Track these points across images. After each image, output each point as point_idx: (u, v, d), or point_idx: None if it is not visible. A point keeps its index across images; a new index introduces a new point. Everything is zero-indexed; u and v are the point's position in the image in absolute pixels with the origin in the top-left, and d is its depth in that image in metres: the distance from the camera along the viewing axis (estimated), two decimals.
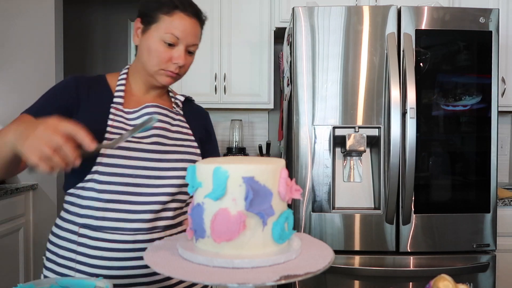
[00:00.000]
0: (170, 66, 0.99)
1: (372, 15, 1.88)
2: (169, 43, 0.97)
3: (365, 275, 1.86)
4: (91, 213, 0.94)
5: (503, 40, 2.44)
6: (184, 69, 1.02)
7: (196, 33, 1.02)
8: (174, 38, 0.97)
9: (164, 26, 0.97)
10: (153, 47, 0.98)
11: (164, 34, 0.97)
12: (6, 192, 2.37)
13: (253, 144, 2.98)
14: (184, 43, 0.98)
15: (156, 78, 1.01)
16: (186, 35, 0.98)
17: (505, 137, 2.88)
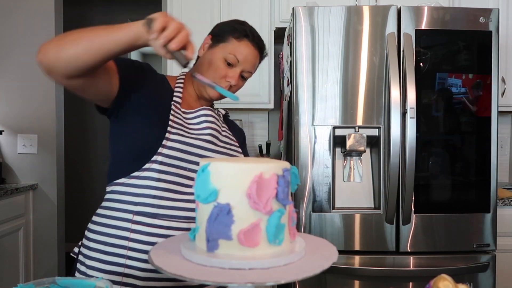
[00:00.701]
0: (223, 83, 1.08)
1: (372, 15, 1.88)
2: (229, 63, 1.08)
3: (365, 275, 1.86)
4: (147, 201, 0.98)
5: (503, 40, 2.44)
6: (233, 89, 1.12)
7: (254, 62, 1.13)
8: (235, 60, 1.08)
9: (230, 47, 1.09)
10: (214, 62, 1.09)
11: (228, 54, 1.08)
12: (6, 192, 2.37)
13: (253, 144, 2.98)
14: (242, 67, 1.10)
15: (206, 90, 1.10)
16: (246, 61, 1.10)
17: (505, 137, 2.88)
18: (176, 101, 1.08)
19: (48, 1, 2.75)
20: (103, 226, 1.02)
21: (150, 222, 0.98)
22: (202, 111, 1.10)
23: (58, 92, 2.79)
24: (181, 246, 0.66)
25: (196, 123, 1.09)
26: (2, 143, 2.74)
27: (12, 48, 2.74)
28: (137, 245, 0.97)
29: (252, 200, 0.60)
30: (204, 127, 1.08)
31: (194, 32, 2.82)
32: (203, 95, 1.13)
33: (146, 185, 0.99)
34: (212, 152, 1.06)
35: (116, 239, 0.99)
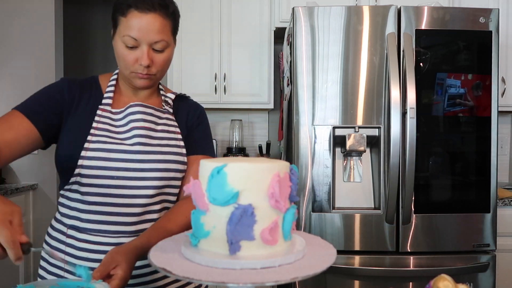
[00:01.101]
0: (138, 68, 0.95)
1: (372, 15, 1.88)
2: (130, 46, 0.93)
3: (365, 275, 1.86)
4: (77, 215, 0.96)
5: (503, 40, 2.44)
6: (155, 67, 0.97)
7: (157, 28, 0.93)
8: (132, 40, 0.92)
9: (122, 28, 0.94)
10: (118, 51, 0.96)
11: (123, 37, 0.94)
12: (6, 192, 2.37)
13: (253, 144, 2.98)
14: (146, 42, 0.93)
15: (131, 81, 0.99)
16: (144, 33, 0.92)
17: (505, 137, 2.88)
18: (105, 103, 1.00)
19: (48, 1, 2.75)
20: (49, 237, 1.02)
21: (79, 237, 0.95)
22: (129, 108, 0.99)
23: None
24: (187, 253, 0.63)
25: (123, 124, 0.99)
26: None
27: (12, 49, 2.74)
28: (70, 259, 0.95)
29: (274, 199, 0.60)
30: (131, 128, 0.97)
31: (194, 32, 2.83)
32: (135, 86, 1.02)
33: (75, 198, 0.96)
34: (141, 153, 0.96)
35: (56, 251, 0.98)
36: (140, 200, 0.95)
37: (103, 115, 0.98)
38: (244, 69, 2.64)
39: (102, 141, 0.95)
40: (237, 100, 2.65)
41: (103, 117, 0.98)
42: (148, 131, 0.99)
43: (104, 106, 0.99)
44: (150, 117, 1.01)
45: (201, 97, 2.63)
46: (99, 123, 0.97)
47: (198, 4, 2.61)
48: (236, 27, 2.62)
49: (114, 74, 1.06)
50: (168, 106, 1.07)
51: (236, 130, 2.85)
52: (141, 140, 0.97)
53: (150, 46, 0.94)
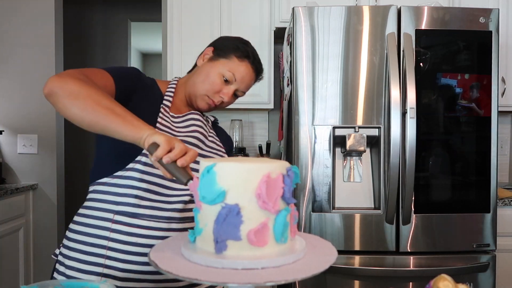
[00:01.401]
0: (216, 97, 1.11)
1: (372, 15, 1.88)
2: (226, 80, 1.10)
3: (365, 275, 1.86)
4: (128, 201, 0.98)
5: (503, 40, 2.44)
6: (223, 105, 1.15)
7: (249, 84, 1.17)
8: (233, 78, 1.10)
9: (230, 65, 1.11)
10: (212, 75, 1.10)
11: (227, 71, 1.10)
12: (6, 192, 2.37)
13: (253, 144, 2.98)
14: (237, 86, 1.12)
15: (197, 100, 1.12)
16: (243, 81, 1.13)
17: (505, 137, 2.88)
18: (166, 104, 1.09)
19: (48, 1, 2.75)
20: (83, 225, 1.02)
21: (130, 222, 0.98)
22: (190, 115, 1.12)
23: None
24: (182, 249, 0.65)
25: (184, 126, 1.09)
26: (2, 143, 2.74)
27: (12, 48, 2.74)
28: (117, 245, 0.97)
29: (262, 200, 0.60)
30: (192, 130, 1.09)
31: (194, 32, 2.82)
32: (192, 104, 1.15)
33: (128, 184, 0.99)
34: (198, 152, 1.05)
35: (95, 239, 0.99)
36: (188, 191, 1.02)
37: (164, 114, 1.07)
38: None
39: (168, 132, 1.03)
40: (237, 100, 2.64)
41: (165, 115, 1.07)
42: (203, 137, 1.11)
43: (165, 106, 1.09)
44: (205, 127, 1.14)
45: None
46: (163, 119, 1.06)
47: (198, 4, 2.60)
48: (236, 27, 2.62)
49: (173, 83, 1.16)
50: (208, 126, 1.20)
51: (236, 130, 2.85)
52: (197, 142, 1.08)
53: (235, 91, 1.13)
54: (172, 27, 2.62)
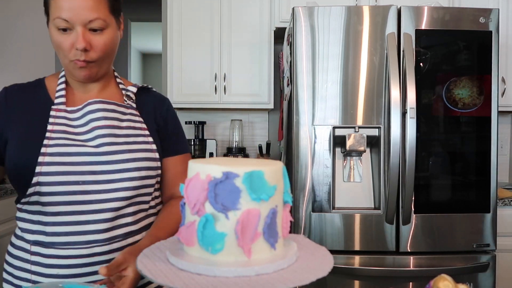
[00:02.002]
0: (75, 54, 0.86)
1: (372, 15, 1.88)
2: (62, 29, 0.84)
3: (365, 275, 1.86)
4: (41, 229, 0.87)
5: (503, 40, 2.44)
6: (95, 52, 0.87)
7: (90, 6, 0.84)
8: (63, 21, 0.83)
9: (52, 12, 0.84)
10: (53, 39, 0.87)
11: (54, 20, 0.84)
12: (6, 192, 2.38)
13: (253, 144, 2.98)
14: (79, 22, 0.83)
15: (72, 73, 0.90)
16: (76, 13, 0.83)
17: (505, 137, 2.88)
18: (58, 102, 0.91)
19: None
20: (9, 256, 0.92)
21: (46, 253, 0.86)
22: (87, 106, 0.91)
23: None
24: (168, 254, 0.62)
25: (82, 124, 0.90)
26: None
27: (13, 48, 2.74)
28: (39, 278, 0.86)
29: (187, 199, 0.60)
30: (92, 128, 0.89)
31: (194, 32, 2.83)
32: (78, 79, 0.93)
33: (36, 211, 0.87)
34: (107, 154, 0.88)
35: (19, 271, 0.89)
36: (111, 204, 0.88)
37: (58, 115, 0.89)
38: (244, 69, 2.64)
39: (61, 144, 0.86)
40: (237, 100, 2.65)
41: (58, 117, 0.89)
42: (112, 129, 0.91)
43: (57, 105, 0.90)
44: (113, 113, 0.93)
45: (201, 97, 2.64)
46: (55, 125, 0.88)
47: (198, 4, 2.61)
48: (236, 27, 2.63)
49: (62, 71, 0.96)
50: (130, 101, 0.99)
51: (236, 130, 2.85)
52: (105, 140, 0.89)
53: (85, 27, 0.85)
54: (172, 27, 2.63)
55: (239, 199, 0.56)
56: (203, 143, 2.76)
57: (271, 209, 0.58)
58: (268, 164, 0.60)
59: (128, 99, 0.98)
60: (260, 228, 0.58)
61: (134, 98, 1.00)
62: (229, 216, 0.56)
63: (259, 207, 0.57)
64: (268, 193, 0.57)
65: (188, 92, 2.64)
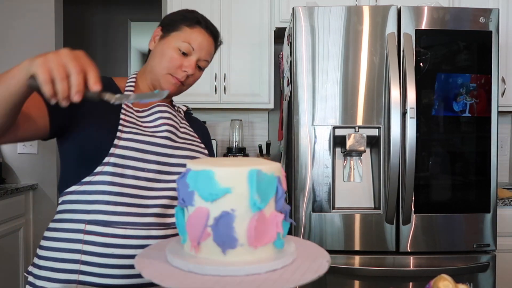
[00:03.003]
0: (179, 73, 1.02)
1: (372, 15, 1.88)
2: (184, 52, 1.01)
3: (365, 275, 1.86)
4: (100, 208, 0.90)
5: (503, 40, 2.44)
6: (190, 80, 1.05)
7: (210, 50, 1.06)
8: (190, 48, 1.01)
9: (183, 35, 1.02)
10: (167, 52, 1.01)
11: (182, 42, 1.01)
12: (6, 192, 2.37)
13: (253, 144, 2.98)
14: (197, 55, 1.03)
15: (161, 82, 1.03)
16: (201, 49, 1.03)
17: (505, 137, 2.88)
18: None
19: (48, 1, 2.75)
20: (54, 240, 0.93)
21: (104, 231, 0.89)
22: (157, 107, 1.04)
23: None
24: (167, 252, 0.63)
25: (151, 120, 1.02)
26: None
27: (13, 48, 2.74)
28: (91, 258, 0.88)
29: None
30: (160, 123, 1.01)
31: None
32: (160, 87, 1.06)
33: (99, 190, 0.91)
34: (170, 148, 0.99)
35: (67, 253, 0.90)
36: (167, 192, 0.96)
37: (128, 109, 1.00)
38: (244, 69, 2.64)
39: (134, 132, 0.95)
40: (237, 100, 2.65)
41: (128, 111, 0.99)
42: (175, 129, 1.03)
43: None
44: (175, 118, 1.06)
45: (201, 97, 2.63)
46: (126, 115, 0.98)
47: (198, 4, 2.60)
48: (236, 27, 2.62)
49: (132, 77, 1.09)
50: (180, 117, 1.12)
51: (236, 130, 2.85)
52: (170, 135, 1.00)
53: (197, 61, 1.04)
54: None
55: (194, 196, 0.58)
56: None
57: (223, 212, 0.56)
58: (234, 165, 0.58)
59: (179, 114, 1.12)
60: (209, 228, 0.57)
61: (183, 115, 1.15)
62: (188, 211, 0.60)
63: (209, 207, 0.57)
64: (213, 194, 0.56)
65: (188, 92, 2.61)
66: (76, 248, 0.90)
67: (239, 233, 0.57)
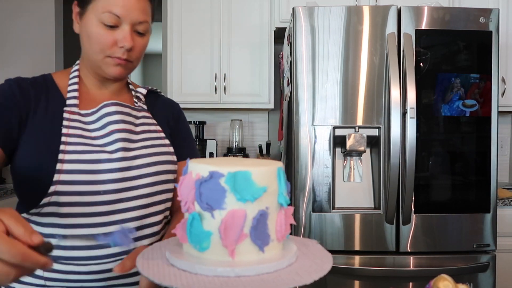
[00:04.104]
0: (117, 52, 0.83)
1: (372, 15, 1.88)
2: (110, 25, 0.81)
3: (365, 275, 1.86)
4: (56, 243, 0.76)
5: (503, 40, 2.44)
6: (135, 53, 0.86)
7: (142, 7, 0.84)
8: (114, 17, 0.81)
9: (101, 4, 0.81)
10: (92, 31, 0.82)
11: (102, 14, 0.81)
12: (6, 192, 2.37)
13: (253, 144, 2.98)
14: (128, 21, 0.82)
15: (103, 69, 0.85)
16: (129, 11, 0.82)
17: (505, 137, 2.88)
18: (71, 104, 0.85)
19: (48, 2, 2.75)
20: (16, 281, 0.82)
21: (63, 269, 0.79)
22: (104, 109, 0.86)
23: None
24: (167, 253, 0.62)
25: (99, 127, 0.85)
26: None
27: (13, 48, 2.74)
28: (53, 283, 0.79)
29: (179, 197, 0.61)
30: (109, 131, 0.84)
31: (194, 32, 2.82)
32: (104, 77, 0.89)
33: (50, 223, 0.79)
34: (127, 160, 0.83)
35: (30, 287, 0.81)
36: (134, 213, 0.82)
37: (71, 118, 0.83)
38: (244, 69, 2.64)
39: (79, 151, 0.80)
40: (237, 100, 2.65)
41: (72, 120, 0.83)
42: (129, 134, 0.86)
43: (70, 107, 0.84)
44: (128, 117, 0.88)
45: (201, 97, 2.64)
46: (70, 128, 0.82)
47: (198, 4, 2.61)
48: (236, 27, 2.62)
49: (74, 71, 0.91)
50: (141, 103, 0.95)
51: (236, 130, 2.85)
52: (124, 144, 0.84)
53: (132, 27, 0.83)
54: (172, 27, 2.63)
55: (224, 199, 0.56)
56: (203, 143, 2.76)
57: (260, 211, 0.57)
58: (261, 165, 0.59)
59: (138, 101, 0.95)
60: (246, 230, 0.56)
61: (143, 100, 0.97)
62: (215, 215, 0.56)
63: (245, 208, 0.56)
64: (254, 194, 0.56)
65: (188, 92, 2.64)
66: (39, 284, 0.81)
67: (271, 229, 0.59)
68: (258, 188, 0.56)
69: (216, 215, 0.56)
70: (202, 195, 0.57)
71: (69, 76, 0.90)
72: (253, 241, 0.57)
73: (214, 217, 0.56)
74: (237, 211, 0.56)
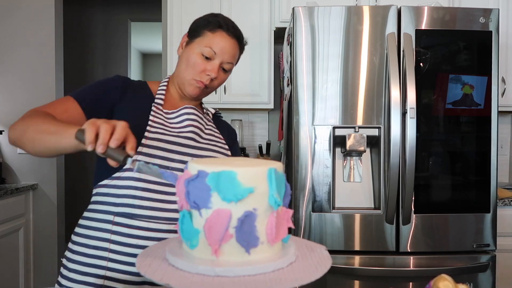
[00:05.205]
0: (203, 77, 1.07)
1: (372, 15, 1.88)
2: (206, 57, 1.06)
3: (365, 275, 1.86)
4: (127, 202, 0.98)
5: (503, 40, 2.44)
6: (215, 83, 1.10)
7: (233, 53, 1.10)
8: (212, 52, 1.06)
9: (205, 41, 1.08)
10: (192, 58, 1.08)
11: (204, 47, 1.07)
12: (6, 192, 2.37)
13: (253, 144, 2.98)
14: (220, 59, 1.07)
15: (186, 88, 1.10)
16: (224, 52, 1.07)
17: (505, 137, 2.88)
18: (158, 102, 1.09)
19: (48, 1, 2.75)
20: (86, 228, 1.02)
21: (129, 223, 0.97)
22: (184, 109, 1.10)
23: (58, 92, 2.79)
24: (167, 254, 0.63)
25: (178, 122, 1.09)
26: (2, 143, 2.74)
27: (13, 48, 2.74)
28: (118, 247, 0.97)
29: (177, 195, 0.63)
30: (186, 125, 1.08)
31: None
32: (184, 94, 1.13)
33: (126, 185, 0.99)
34: (193, 148, 1.06)
35: (98, 241, 0.99)
36: None
37: (157, 111, 1.07)
38: (244, 69, 2.64)
39: (160, 132, 1.03)
40: (237, 100, 2.65)
41: (157, 113, 1.07)
42: (199, 131, 1.10)
43: (157, 104, 1.08)
44: (201, 120, 1.12)
45: None
46: (155, 117, 1.05)
47: (198, 4, 2.60)
48: None
49: (164, 81, 1.16)
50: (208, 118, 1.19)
51: (236, 130, 2.85)
52: (194, 136, 1.07)
53: (221, 64, 1.08)
54: (172, 27, 2.63)
55: (210, 198, 0.56)
56: None
57: (246, 212, 0.56)
58: (251, 165, 0.58)
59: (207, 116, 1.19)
60: (231, 230, 0.56)
61: (211, 117, 1.21)
62: (202, 214, 0.57)
63: (230, 208, 0.56)
64: (237, 194, 0.56)
65: None
66: (105, 237, 0.98)
67: (260, 232, 0.58)
68: (243, 188, 0.56)
69: (203, 214, 0.57)
70: (190, 193, 0.58)
71: (159, 85, 1.15)
72: (239, 242, 0.57)
73: (202, 216, 0.57)
74: (222, 210, 0.56)
